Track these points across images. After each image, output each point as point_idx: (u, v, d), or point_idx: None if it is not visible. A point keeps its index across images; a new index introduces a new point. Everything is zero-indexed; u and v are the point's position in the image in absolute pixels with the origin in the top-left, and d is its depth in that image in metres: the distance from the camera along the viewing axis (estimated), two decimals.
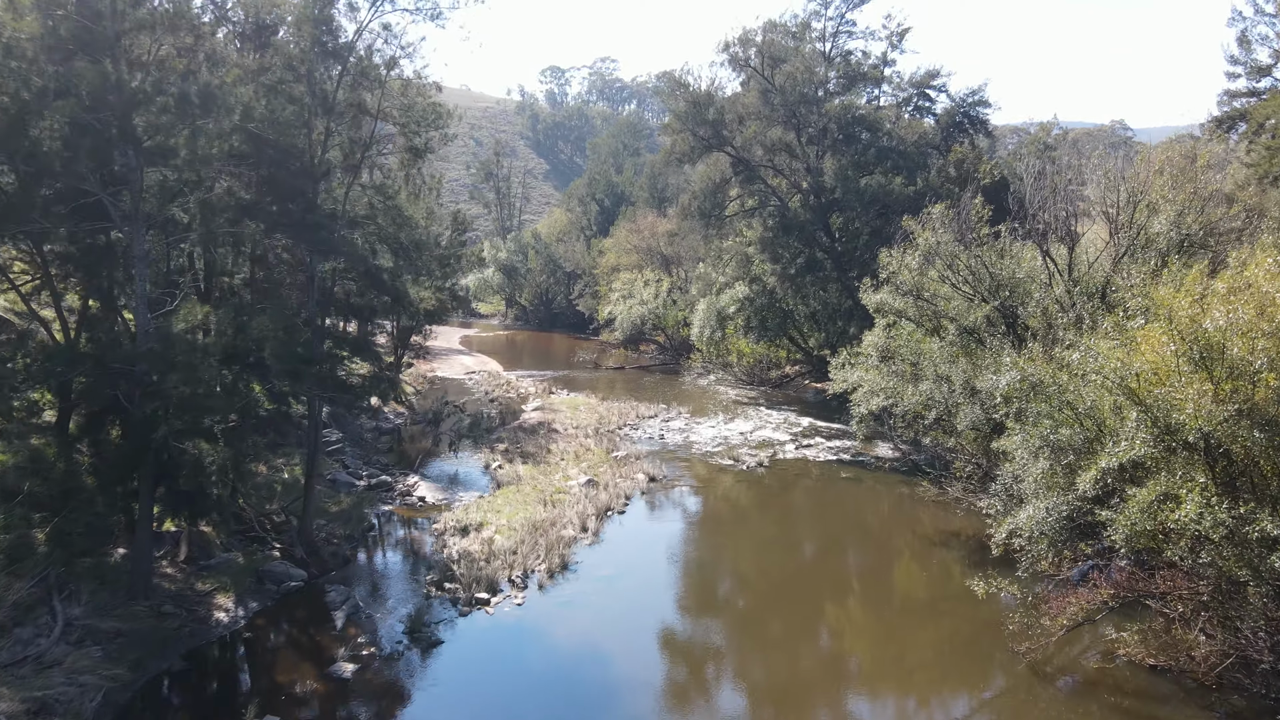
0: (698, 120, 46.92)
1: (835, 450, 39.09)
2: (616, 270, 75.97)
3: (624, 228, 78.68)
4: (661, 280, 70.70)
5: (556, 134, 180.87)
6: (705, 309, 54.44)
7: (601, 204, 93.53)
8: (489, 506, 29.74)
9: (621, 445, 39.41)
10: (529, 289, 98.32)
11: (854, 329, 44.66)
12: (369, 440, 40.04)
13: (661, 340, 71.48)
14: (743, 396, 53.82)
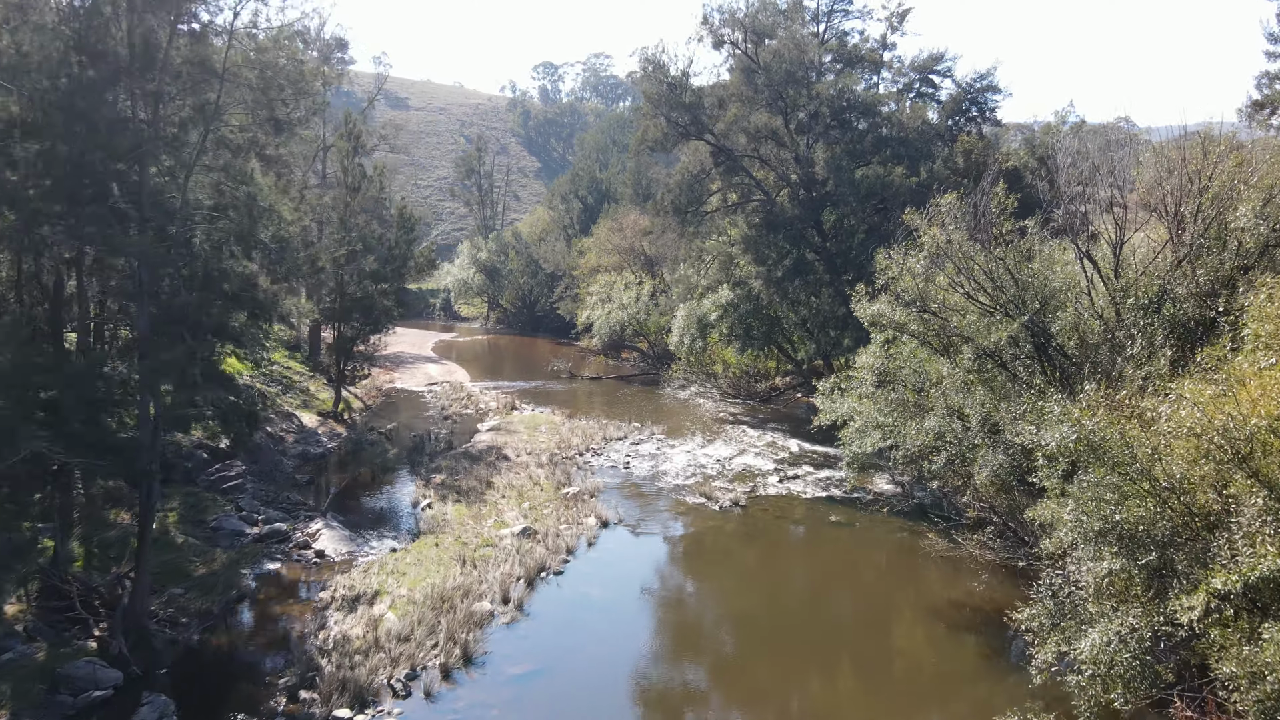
0: (673, 104, 41.09)
1: (825, 483, 33.21)
2: (598, 271, 70.16)
3: (605, 226, 72.83)
4: (643, 282, 64.83)
5: (549, 131, 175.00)
6: (685, 316, 48.60)
7: (585, 201, 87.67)
8: (395, 566, 23.92)
9: (577, 478, 33.56)
10: (510, 291, 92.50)
11: (849, 339, 38.84)
12: (286, 471, 34.23)
13: (644, 348, 65.65)
14: (726, 412, 47.96)
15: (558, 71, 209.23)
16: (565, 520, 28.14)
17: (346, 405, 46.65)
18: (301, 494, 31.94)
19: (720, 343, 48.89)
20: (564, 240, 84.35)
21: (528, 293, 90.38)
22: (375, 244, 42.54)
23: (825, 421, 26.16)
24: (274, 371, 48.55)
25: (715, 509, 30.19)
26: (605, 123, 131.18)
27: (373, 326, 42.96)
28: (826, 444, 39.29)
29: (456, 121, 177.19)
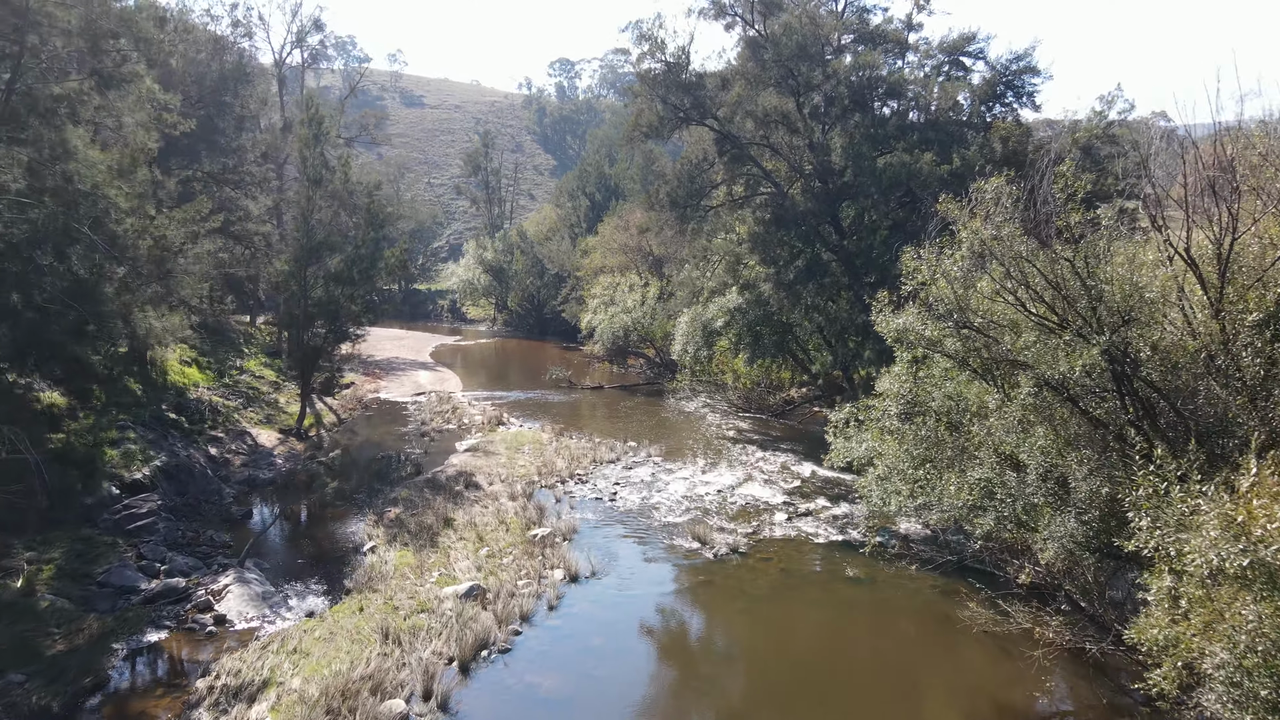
0: (671, 84, 36.08)
1: (841, 523, 28.05)
2: (602, 272, 65.30)
3: (610, 224, 67.94)
4: (649, 284, 59.91)
5: (564, 128, 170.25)
6: (689, 321, 43.58)
7: (592, 198, 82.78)
8: (302, 641, 19.08)
9: (551, 514, 28.63)
10: (517, 293, 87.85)
11: (870, 350, 33.65)
12: (222, 503, 29.55)
13: (650, 354, 60.70)
14: (734, 428, 42.87)
15: (574, 68, 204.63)
16: (526, 573, 23.21)
17: (317, 420, 42.10)
18: (233, 532, 27.27)
19: (728, 351, 43.81)
20: (569, 239, 79.56)
21: (534, 294, 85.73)
22: (340, 243, 37.89)
23: (839, 463, 21.07)
24: (241, 382, 44.11)
25: (710, 556, 25.13)
26: (619, 118, 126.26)
27: (337, 335, 38.29)
28: (845, 470, 34.11)
29: (472, 119, 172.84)
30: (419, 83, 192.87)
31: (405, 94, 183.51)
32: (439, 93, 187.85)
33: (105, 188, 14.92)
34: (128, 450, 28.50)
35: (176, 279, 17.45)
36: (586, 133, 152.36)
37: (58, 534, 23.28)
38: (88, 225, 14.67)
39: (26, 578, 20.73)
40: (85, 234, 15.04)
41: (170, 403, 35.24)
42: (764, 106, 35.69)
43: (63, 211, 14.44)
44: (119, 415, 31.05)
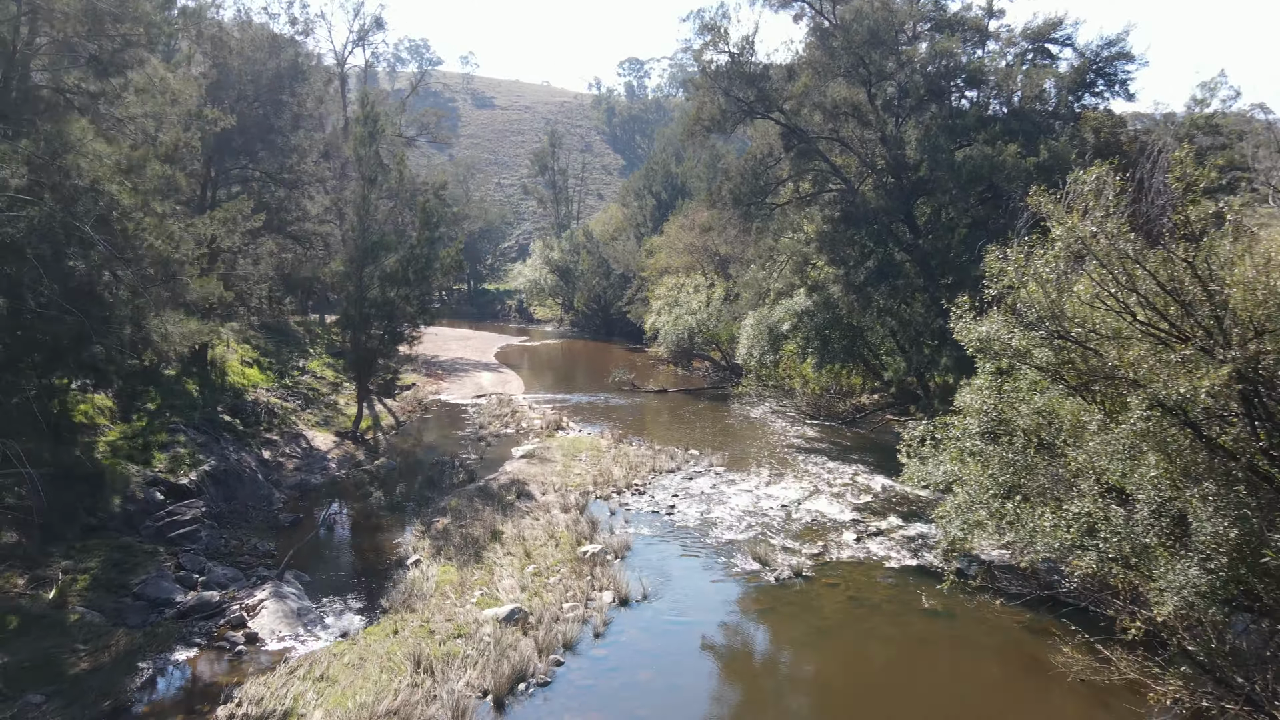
0: (734, 75, 34.20)
1: (915, 545, 25.83)
2: (667, 273, 63.65)
3: (676, 223, 66.25)
4: (714, 285, 58.00)
5: (633, 128, 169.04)
6: (754, 324, 41.65)
7: (658, 197, 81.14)
8: (330, 667, 17.87)
9: (603, 529, 27.06)
10: (583, 293, 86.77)
11: (947, 357, 31.28)
12: (270, 508, 28.78)
13: (716, 357, 58.83)
14: (802, 437, 40.75)
15: (644, 67, 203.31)
16: (573, 595, 21.68)
17: (374, 423, 41.39)
18: (278, 540, 26.43)
19: (796, 356, 41.70)
20: (635, 239, 78.08)
21: (600, 295, 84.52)
22: (395, 243, 37.01)
23: (914, 487, 19.03)
24: (302, 383, 43.74)
25: (772, 579, 23.24)
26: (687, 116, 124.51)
27: (392, 336, 37.42)
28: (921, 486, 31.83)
29: (542, 119, 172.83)
30: (490, 84, 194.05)
31: (476, 95, 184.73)
32: (510, 94, 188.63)
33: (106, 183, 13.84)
34: (176, 454, 27.93)
35: (182, 282, 16.24)
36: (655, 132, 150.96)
37: (97, 541, 22.63)
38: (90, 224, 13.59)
39: (60, 589, 20.02)
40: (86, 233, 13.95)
41: (227, 404, 34.81)
42: (833, 98, 33.55)
43: (61, 209, 13.39)
44: (172, 418, 30.60)
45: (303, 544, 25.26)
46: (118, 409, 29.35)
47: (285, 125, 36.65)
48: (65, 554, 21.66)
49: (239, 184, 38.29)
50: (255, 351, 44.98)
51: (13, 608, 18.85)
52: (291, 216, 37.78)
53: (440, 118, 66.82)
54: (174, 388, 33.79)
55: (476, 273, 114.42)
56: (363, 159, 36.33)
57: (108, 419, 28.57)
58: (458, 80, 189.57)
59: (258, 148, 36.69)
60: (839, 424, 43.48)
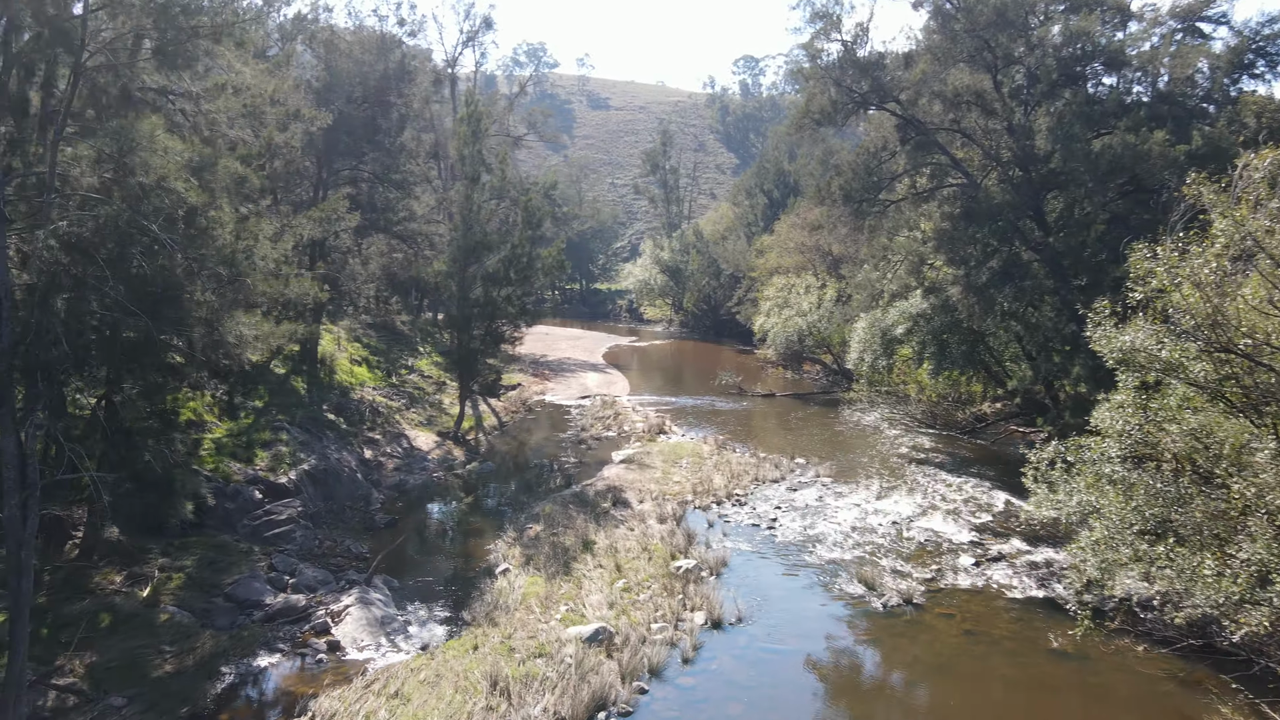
0: (846, 64, 32.19)
1: (1043, 573, 23.36)
2: (777, 273, 61.61)
3: (787, 222, 64.08)
4: (825, 285, 55.66)
5: (747, 126, 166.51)
6: (866, 328, 39.34)
7: (770, 196, 78.94)
8: (405, 684, 17.11)
9: (700, 543, 25.63)
10: (692, 293, 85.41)
11: (1079, 367, 28.50)
12: (368, 509, 28.62)
13: (827, 361, 56.47)
14: (916, 447, 38.29)
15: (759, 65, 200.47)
16: (662, 614, 20.38)
17: (477, 423, 41.19)
18: (373, 540, 26.17)
19: (911, 361, 39.20)
20: (744, 238, 76.17)
21: (710, 295, 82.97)
22: (497, 243, 36.58)
23: (1042, 516, 16.89)
24: (408, 382, 44.04)
25: (879, 607, 21.35)
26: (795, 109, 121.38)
27: (495, 337, 37.01)
28: None
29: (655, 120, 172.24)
30: (605, 85, 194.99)
31: (591, 97, 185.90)
32: (624, 94, 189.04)
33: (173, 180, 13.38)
34: (278, 452, 28.08)
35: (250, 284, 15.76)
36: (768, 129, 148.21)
37: (196, 539, 22.75)
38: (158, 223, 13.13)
39: (154, 587, 20.07)
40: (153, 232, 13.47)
41: (332, 403, 35.10)
42: (954, 85, 31.10)
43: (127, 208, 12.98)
44: (277, 415, 30.91)
45: (393, 548, 24.83)
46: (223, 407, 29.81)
47: (392, 126, 36.73)
48: (164, 550, 21.81)
49: (349, 184, 38.62)
50: (365, 350, 45.59)
51: (107, 605, 18.93)
52: (398, 217, 37.84)
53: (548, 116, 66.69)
54: (283, 385, 34.26)
55: (589, 273, 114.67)
56: (466, 158, 36.03)
57: (215, 416, 29.01)
58: (573, 82, 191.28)
59: (365, 149, 36.90)
60: (957, 434, 40.73)
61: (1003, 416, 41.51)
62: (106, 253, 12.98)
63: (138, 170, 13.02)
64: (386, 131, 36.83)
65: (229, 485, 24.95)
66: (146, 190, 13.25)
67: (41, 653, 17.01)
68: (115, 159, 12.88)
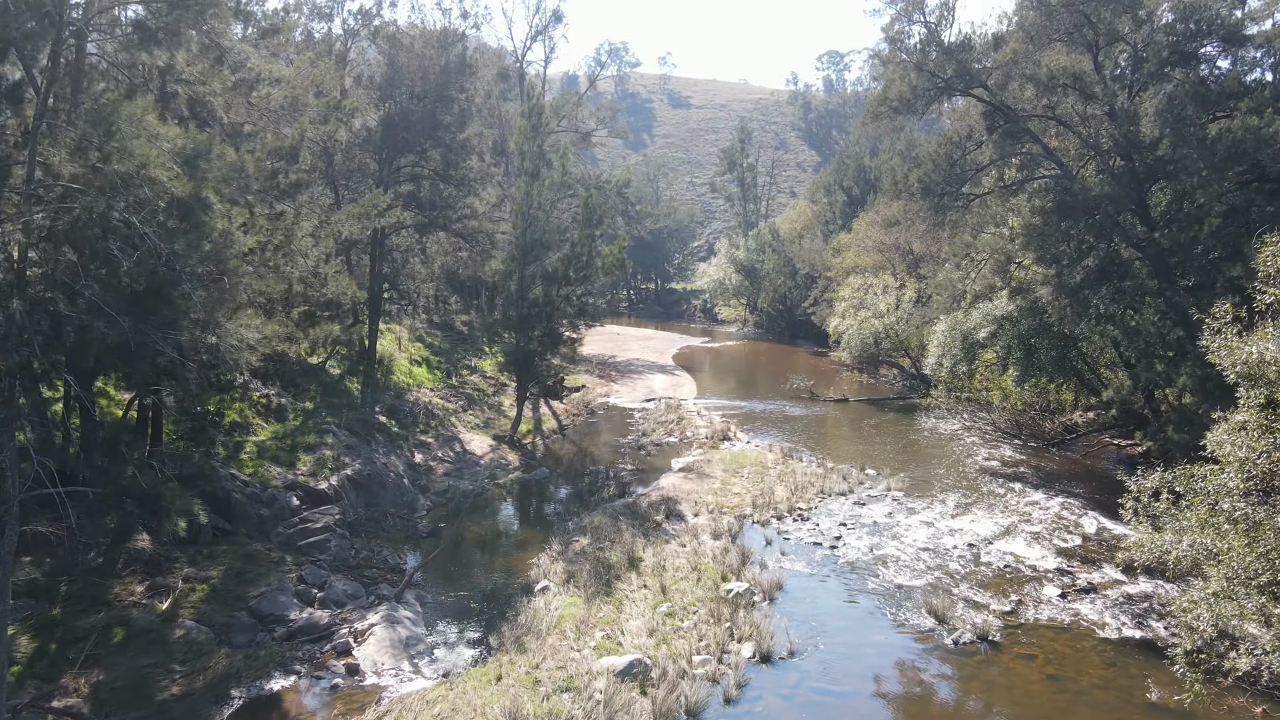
0: (929, 46, 29.65)
1: (1141, 610, 20.60)
2: (854, 273, 58.78)
3: (865, 220, 61.11)
4: (904, 286, 52.71)
5: (830, 123, 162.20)
6: (946, 331, 36.61)
7: (849, 193, 75.80)
8: (421, 715, 15.67)
9: (754, 562, 23.59)
10: (767, 293, 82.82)
11: (1187, 376, 25.43)
12: (412, 516, 27.47)
13: (904, 364, 53.50)
14: (997, 459, 35.39)
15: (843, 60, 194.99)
16: (706, 644, 18.48)
17: (535, 427, 39.88)
18: (415, 550, 24.99)
19: (994, 367, 36.27)
20: (822, 237, 73.31)
21: (786, 295, 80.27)
22: (557, 241, 35.17)
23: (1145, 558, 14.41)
24: (468, 383, 43.06)
25: (949, 643, 19.02)
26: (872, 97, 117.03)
27: (553, 338, 35.59)
28: None
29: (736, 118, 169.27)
30: (686, 84, 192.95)
31: (673, 95, 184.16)
32: (705, 93, 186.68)
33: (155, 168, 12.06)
34: (321, 456, 27.16)
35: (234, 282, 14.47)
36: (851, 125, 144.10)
37: (226, 547, 21.84)
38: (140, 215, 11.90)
39: (175, 599, 19.14)
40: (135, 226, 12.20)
41: (385, 404, 34.22)
42: (1049, 67, 28.22)
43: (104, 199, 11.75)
44: (326, 418, 30.08)
45: (427, 562, 23.53)
46: (277, 407, 29.11)
47: (453, 121, 35.63)
48: (192, 559, 20.94)
49: (410, 181, 37.77)
50: (427, 350, 44.82)
51: (123, 618, 18.03)
52: (458, 214, 36.76)
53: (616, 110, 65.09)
54: (336, 386, 33.53)
55: (664, 272, 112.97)
56: (526, 153, 34.72)
57: (263, 419, 28.29)
58: (654, 81, 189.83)
59: (426, 144, 35.92)
60: (1044, 445, 37.60)
61: (1096, 428, 38.18)
62: (84, 248, 11.81)
63: (114, 157, 11.77)
64: (447, 127, 35.76)
65: (266, 490, 24.05)
66: (125, 179, 11.99)
67: (46, 670, 16.16)
68: (98, 145, 11.68)
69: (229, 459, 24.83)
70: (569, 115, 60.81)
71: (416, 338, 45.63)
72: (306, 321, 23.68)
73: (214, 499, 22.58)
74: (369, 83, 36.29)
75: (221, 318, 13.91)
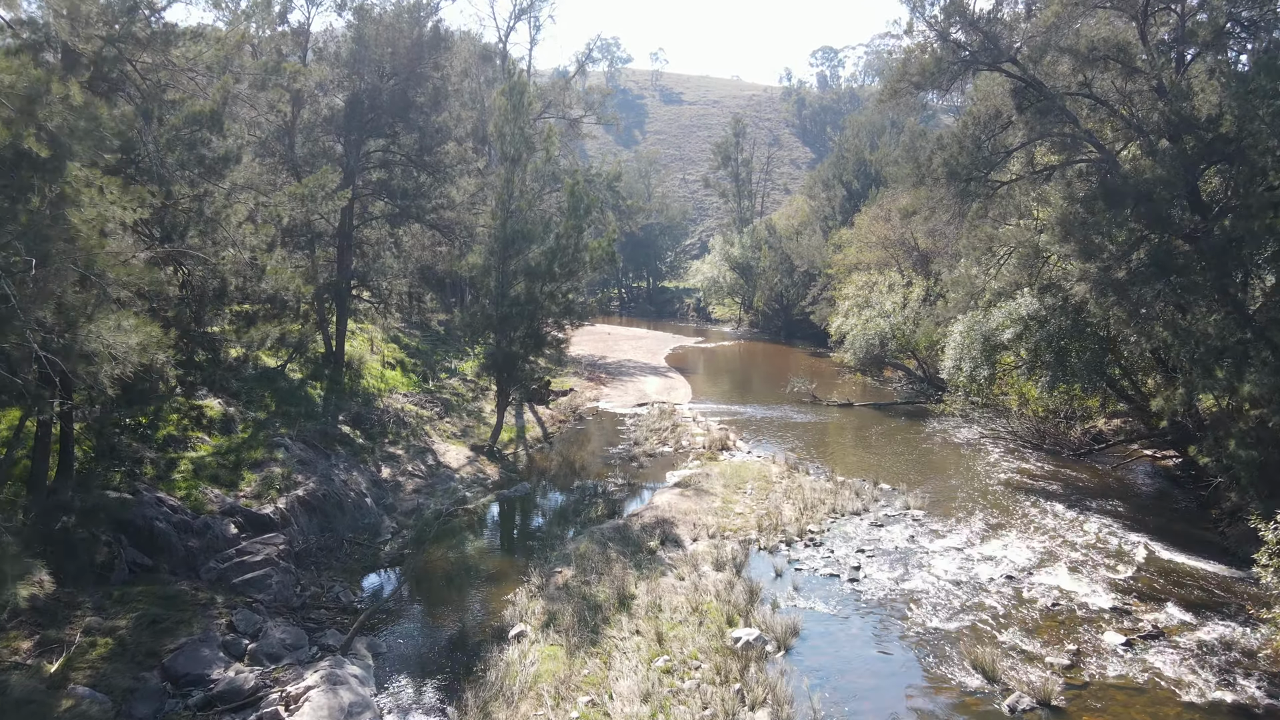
0: (953, 13, 26.36)
1: (1223, 665, 17.32)
2: (857, 270, 55.55)
3: (868, 214, 57.87)
4: (911, 283, 49.52)
5: (824, 119, 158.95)
6: (966, 331, 33.32)
7: (849, 187, 72.56)
8: None
9: (765, 600, 20.28)
10: (763, 292, 79.61)
11: (1252, 384, 22.14)
12: (369, 542, 24.05)
13: (911, 366, 50.29)
14: (1020, 471, 32.24)
15: (837, 56, 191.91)
16: (712, 712, 15.15)
17: (518, 435, 36.51)
18: (375, 581, 21.63)
19: (1019, 372, 33.03)
20: (821, 233, 70.09)
21: (782, 294, 77.10)
22: (539, 233, 31.80)
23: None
24: (446, 387, 39.62)
25: (1003, 709, 15.72)
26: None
27: (535, 339, 32.22)
28: (1208, 555, 22.99)
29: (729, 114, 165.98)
30: (678, 80, 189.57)
31: (664, 91, 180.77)
32: (698, 89, 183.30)
33: None
34: (269, 475, 23.72)
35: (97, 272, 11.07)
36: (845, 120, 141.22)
37: (142, 588, 18.39)
38: None
39: (67, 659, 15.69)
40: None
41: (351, 413, 30.79)
42: (1089, 38, 24.99)
43: None
44: (280, 429, 26.66)
45: (378, 607, 20.13)
46: (223, 417, 25.68)
47: (425, 101, 32.17)
48: (98, 604, 17.49)
49: (381, 168, 34.35)
50: (403, 352, 41.39)
51: None
52: (433, 204, 33.37)
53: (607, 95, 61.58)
54: (295, 393, 30.08)
55: (656, 270, 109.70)
56: (506, 136, 31.32)
57: (206, 431, 24.85)
58: (646, 77, 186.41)
59: (397, 126, 32.50)
60: (1069, 454, 34.45)
61: (1126, 437, 35.02)
62: None
63: None
64: (420, 108, 32.32)
65: (198, 517, 20.60)
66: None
67: None
68: None
69: (159, 479, 21.41)
70: (556, 101, 57.27)
71: (392, 338, 42.20)
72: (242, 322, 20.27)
73: (133, 529, 19.20)
74: (334, 58, 32.81)
75: (79, 317, 10.52)
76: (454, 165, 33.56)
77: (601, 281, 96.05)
